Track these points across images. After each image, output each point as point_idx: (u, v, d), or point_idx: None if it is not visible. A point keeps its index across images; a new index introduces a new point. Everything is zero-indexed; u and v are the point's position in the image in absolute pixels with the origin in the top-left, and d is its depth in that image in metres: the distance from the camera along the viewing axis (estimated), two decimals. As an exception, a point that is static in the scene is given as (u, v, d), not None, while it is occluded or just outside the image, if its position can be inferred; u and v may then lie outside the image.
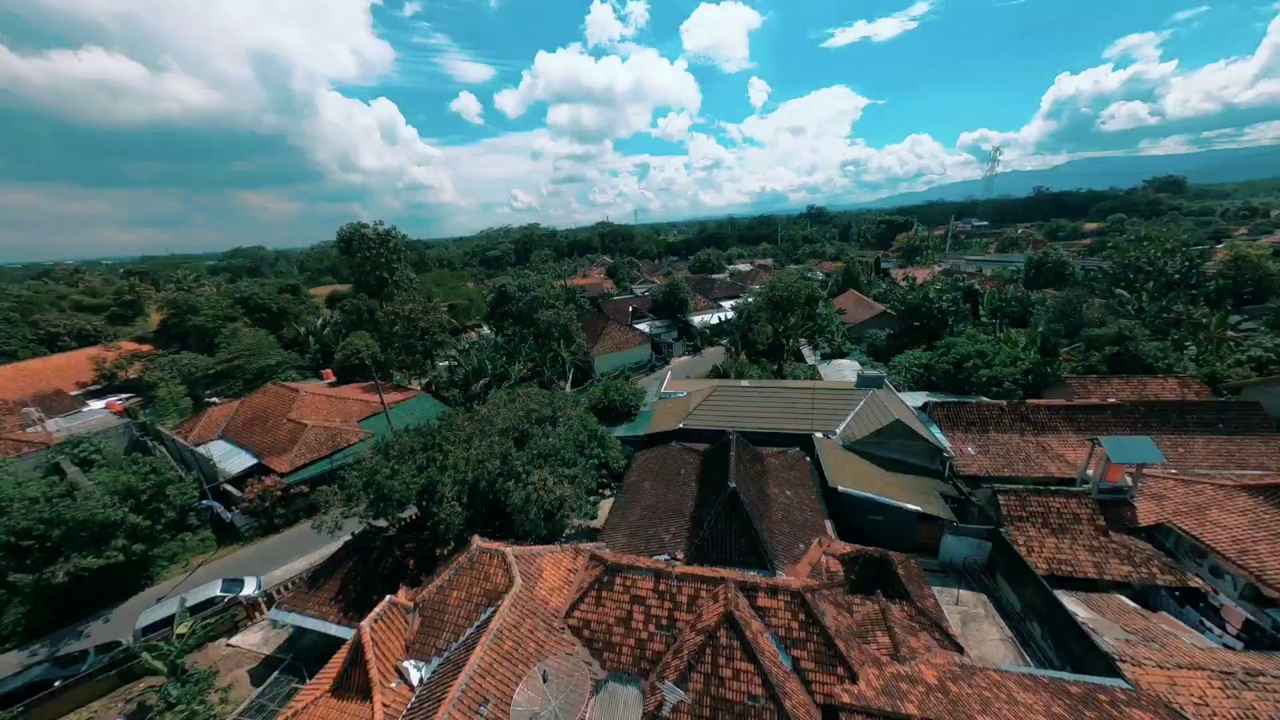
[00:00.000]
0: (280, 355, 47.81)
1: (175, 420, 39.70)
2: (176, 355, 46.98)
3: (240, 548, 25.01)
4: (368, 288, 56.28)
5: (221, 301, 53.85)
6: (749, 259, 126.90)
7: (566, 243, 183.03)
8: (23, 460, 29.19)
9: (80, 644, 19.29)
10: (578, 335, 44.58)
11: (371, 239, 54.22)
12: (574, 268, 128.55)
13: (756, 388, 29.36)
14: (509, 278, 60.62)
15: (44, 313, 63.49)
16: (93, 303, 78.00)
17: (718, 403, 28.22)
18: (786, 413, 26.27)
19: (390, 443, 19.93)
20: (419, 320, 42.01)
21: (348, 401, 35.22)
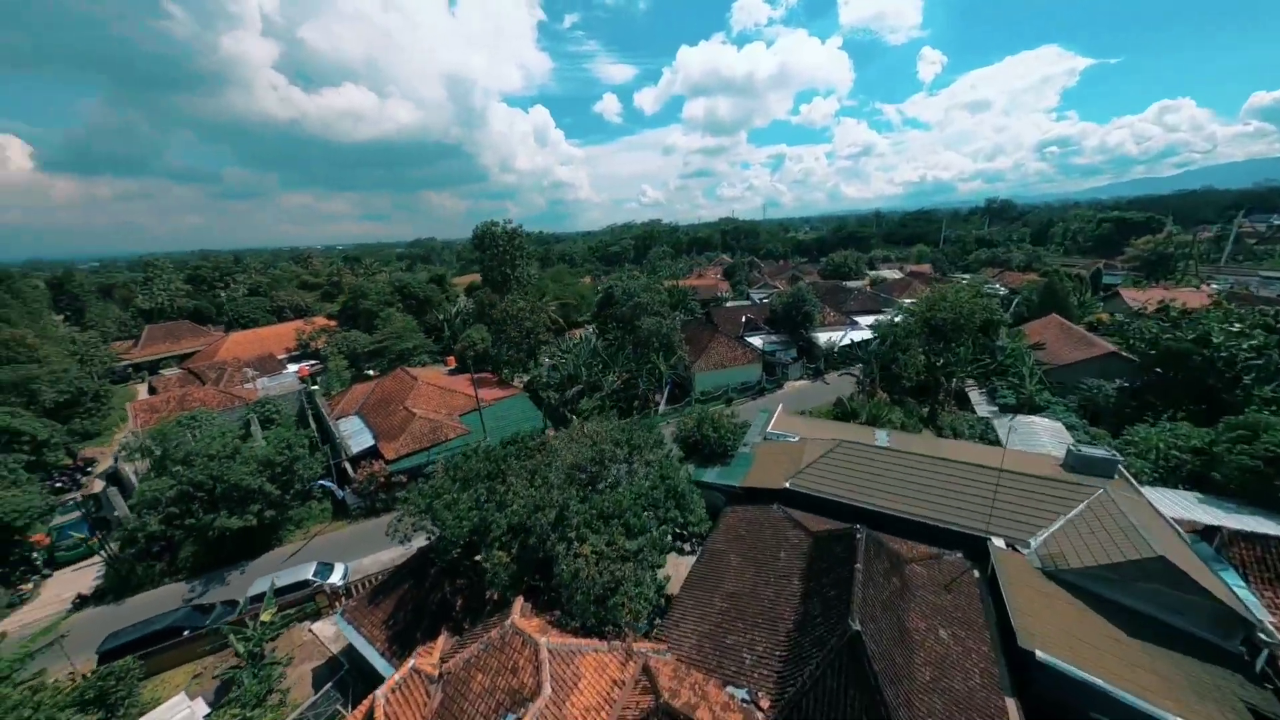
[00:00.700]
0: (418, 339, 54.24)
1: (338, 389, 47.53)
2: (347, 333, 56.64)
3: (348, 525, 27.49)
4: (493, 282, 60.86)
5: (385, 288, 63.38)
6: (897, 264, 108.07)
7: (687, 240, 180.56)
8: (228, 413, 36.98)
9: (220, 591, 22.57)
10: (680, 347, 41.09)
11: (500, 237, 58.12)
12: (690, 266, 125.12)
13: (902, 452, 22.16)
14: (618, 278, 59.88)
15: (280, 289, 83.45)
16: (313, 282, 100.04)
17: (841, 463, 22.01)
18: (945, 496, 19.00)
19: (459, 464, 19.03)
20: (524, 319, 43.04)
21: (455, 394, 37.36)
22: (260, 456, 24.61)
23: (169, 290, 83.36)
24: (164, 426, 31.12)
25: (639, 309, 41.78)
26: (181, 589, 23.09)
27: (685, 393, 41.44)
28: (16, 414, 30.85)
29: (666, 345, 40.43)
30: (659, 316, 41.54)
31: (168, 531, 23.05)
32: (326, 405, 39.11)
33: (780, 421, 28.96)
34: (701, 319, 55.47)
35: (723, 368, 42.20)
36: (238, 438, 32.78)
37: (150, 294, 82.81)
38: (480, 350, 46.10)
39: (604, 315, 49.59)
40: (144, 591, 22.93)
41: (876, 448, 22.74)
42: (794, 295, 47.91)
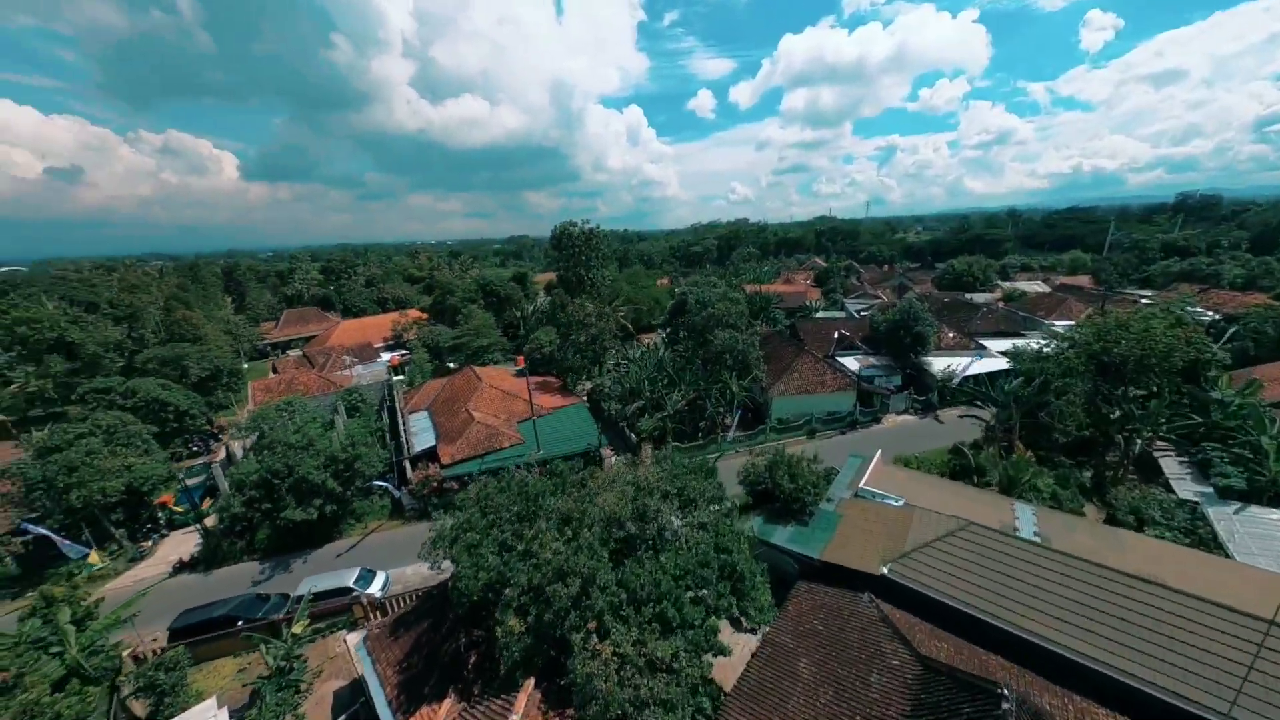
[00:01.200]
0: (494, 337, 55.97)
1: (419, 381, 50.67)
2: (434, 326, 60.57)
3: (403, 525, 27.95)
4: (567, 283, 60.92)
5: (470, 285, 66.85)
6: (1040, 274, 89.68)
7: (775, 240, 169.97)
8: (322, 399, 40.60)
9: (282, 580, 23.80)
10: (757, 365, 36.56)
11: (577, 238, 57.79)
12: (776, 270, 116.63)
13: (1065, 557, 16.02)
14: (694, 283, 56.28)
15: (388, 282, 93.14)
16: (417, 275, 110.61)
17: (966, 552, 16.63)
18: (1145, 638, 12.98)
19: (490, 495, 17.40)
20: (591, 324, 41.55)
21: (516, 400, 37.02)
22: (327, 451, 25.64)
23: (306, 279, 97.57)
24: (264, 409, 34.70)
25: (713, 320, 37.98)
26: (254, 569, 24.87)
27: (760, 418, 36.85)
28: (168, 386, 36.47)
29: (741, 363, 36.19)
30: (735, 330, 37.37)
31: (248, 513, 24.93)
32: (402, 398, 41.34)
33: (878, 474, 23.62)
34: (785, 333, 49.86)
35: (807, 393, 36.77)
36: (322, 425, 35.63)
37: (292, 282, 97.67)
38: (547, 353, 45.80)
39: (675, 324, 46.54)
40: (227, 566, 25.08)
41: (1022, 541, 16.79)
42: (903, 311, 40.42)
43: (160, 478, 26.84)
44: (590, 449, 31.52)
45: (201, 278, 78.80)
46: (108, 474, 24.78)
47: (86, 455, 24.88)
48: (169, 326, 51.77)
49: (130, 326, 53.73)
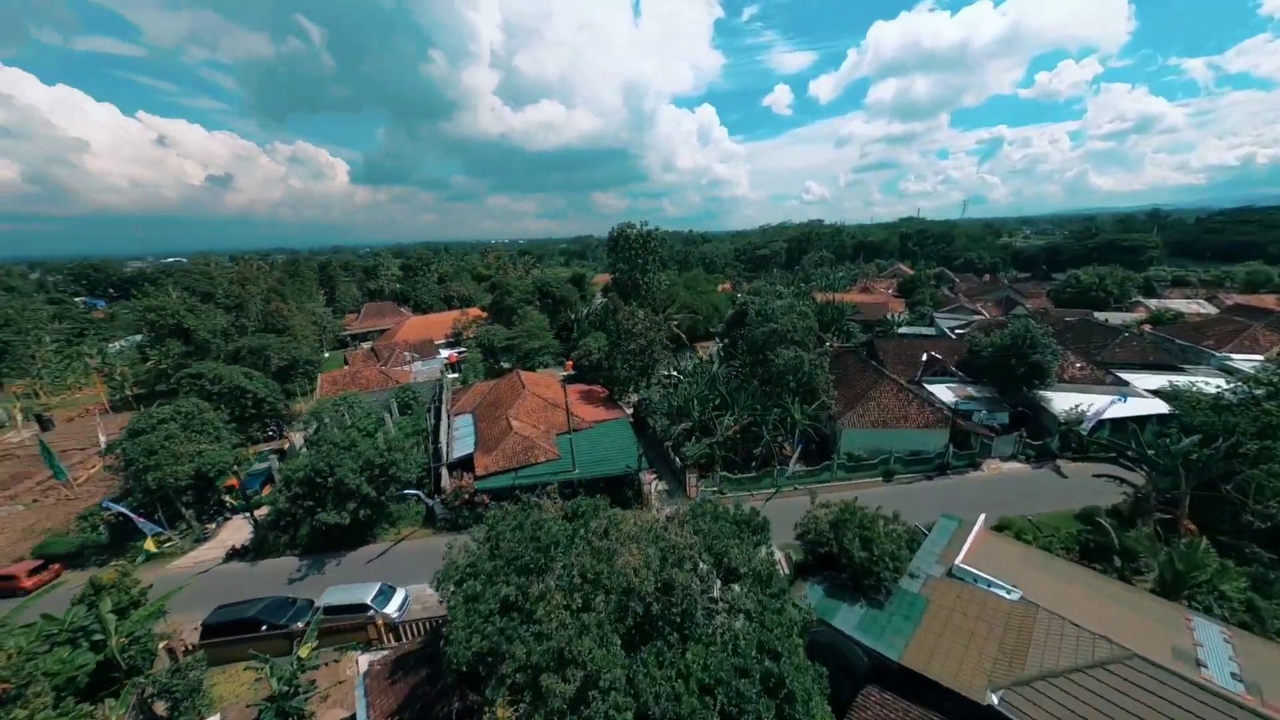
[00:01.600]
0: (546, 339, 55.70)
1: (473, 380, 51.60)
2: (490, 326, 61.78)
3: (433, 535, 27.46)
4: (622, 287, 59.26)
5: (527, 285, 67.61)
6: (1202, 290, 73.18)
7: (853, 243, 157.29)
8: (379, 394, 42.20)
9: (315, 581, 24.03)
10: (826, 389, 32.04)
11: (634, 240, 55.90)
12: (854, 276, 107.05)
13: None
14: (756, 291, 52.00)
15: (456, 280, 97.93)
16: (484, 274, 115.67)
17: (1128, 705, 11.91)
18: None
19: (502, 533, 15.59)
20: (641, 333, 39.19)
21: (558, 410, 35.65)
22: (365, 454, 25.65)
23: (387, 275, 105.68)
24: (322, 403, 36.39)
25: (775, 337, 33.97)
26: (293, 565, 25.49)
27: (825, 451, 32.29)
28: (251, 375, 39.65)
29: (807, 386, 31.89)
30: (801, 349, 33.07)
31: (291, 509, 25.60)
32: (450, 397, 41.82)
33: (981, 546, 18.79)
34: (861, 351, 44.03)
35: (885, 426, 31.57)
36: (374, 422, 36.68)
37: (376, 277, 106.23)
38: (595, 360, 44.25)
39: (733, 336, 42.85)
40: (271, 558, 25.95)
41: (1220, 699, 11.68)
42: (1017, 333, 33.52)
43: (226, 464, 28.59)
44: (629, 472, 29.17)
45: (300, 272, 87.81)
46: (180, 458, 26.67)
47: (165, 440, 26.98)
48: (264, 317, 57.38)
49: (237, 315, 60.48)
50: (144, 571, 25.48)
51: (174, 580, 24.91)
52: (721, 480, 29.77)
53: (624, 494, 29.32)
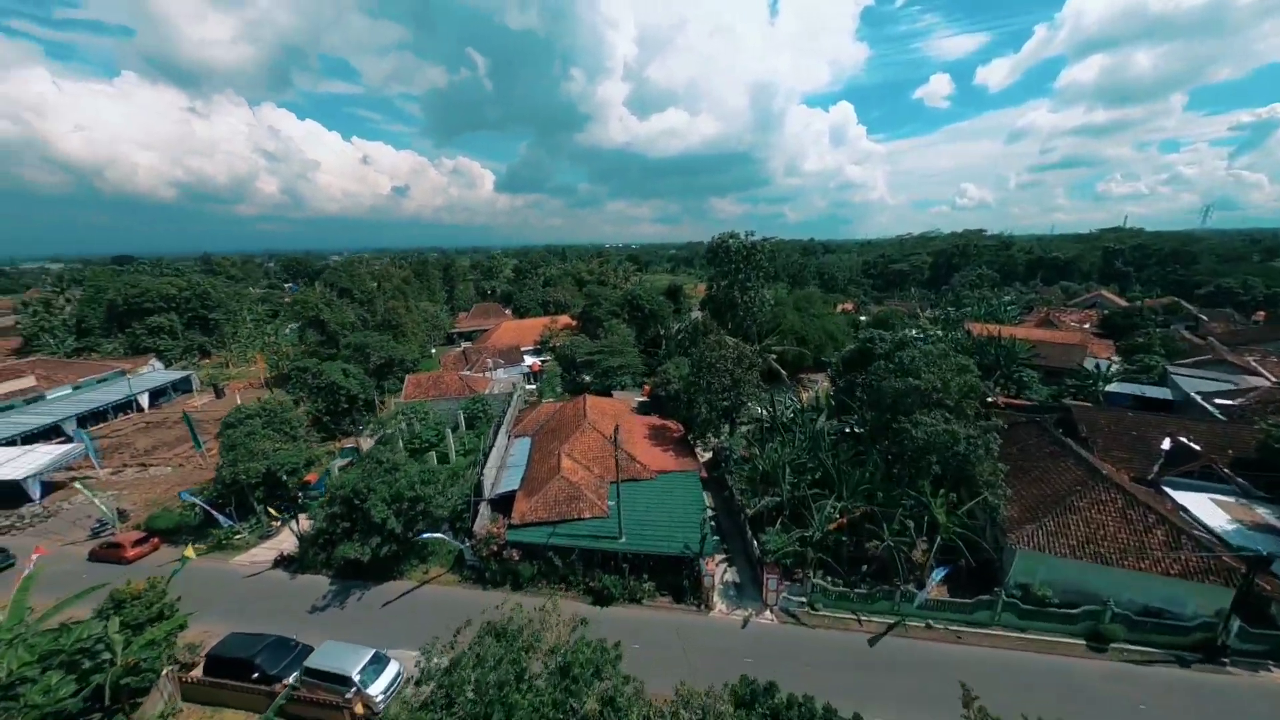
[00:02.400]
0: (629, 358, 51.88)
1: (549, 395, 50.07)
2: (573, 337, 60.24)
3: (459, 583, 24.85)
4: (717, 306, 52.81)
5: (616, 297, 64.91)
6: None
7: (1028, 259, 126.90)
8: (449, 404, 42.26)
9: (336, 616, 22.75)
10: (993, 483, 22.06)
11: (734, 252, 49.19)
12: (1027, 303, 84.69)
13: None
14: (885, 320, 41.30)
15: (558, 284, 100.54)
16: (587, 279, 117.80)
17: None
18: None
19: (489, 651, 11.33)
20: (729, 369, 32.62)
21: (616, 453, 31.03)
22: (398, 484, 23.88)
23: (501, 277, 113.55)
24: (391, 412, 36.89)
25: (914, 397, 24.74)
26: (323, 585, 24.78)
27: (985, 578, 22.29)
28: (348, 372, 42.60)
29: (959, 470, 22.37)
30: (954, 417, 23.49)
31: (329, 528, 24.96)
32: (517, 415, 40.06)
33: None
34: (1049, 420, 31.05)
35: (1099, 560, 20.39)
36: (436, 433, 36.12)
37: (492, 277, 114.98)
38: (673, 390, 38.85)
39: (850, 380, 33.78)
40: (309, 573, 25.63)
41: None
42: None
43: (296, 464, 29.63)
44: (688, 555, 23.15)
45: (426, 272, 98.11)
46: (255, 455, 28.02)
47: (246, 436, 28.64)
48: (385, 314, 63.56)
49: (367, 311, 68.41)
50: (208, 560, 27.26)
51: (230, 576, 25.99)
52: (815, 590, 22.03)
53: (679, 581, 23.41)
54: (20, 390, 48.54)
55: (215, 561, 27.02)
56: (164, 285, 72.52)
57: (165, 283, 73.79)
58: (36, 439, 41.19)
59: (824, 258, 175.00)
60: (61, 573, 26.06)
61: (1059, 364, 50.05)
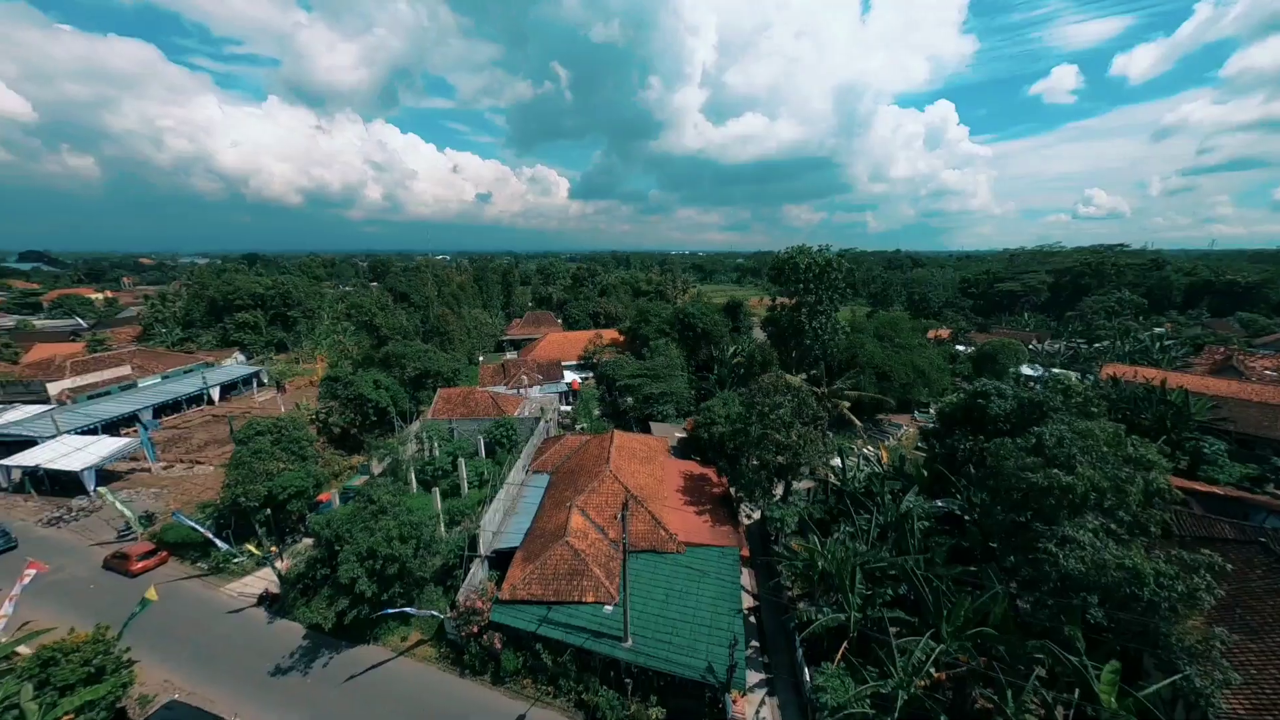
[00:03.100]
0: (672, 386, 46.71)
1: (581, 424, 46.25)
2: (619, 356, 56.26)
3: (437, 662, 21.25)
4: (780, 331, 46.11)
5: (666, 314, 60.01)
6: None
7: (1188, 282, 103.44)
8: (477, 424, 39.71)
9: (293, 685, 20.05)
10: (1200, 644, 14.15)
11: (804, 270, 42.36)
12: (1193, 340, 67.35)
13: None
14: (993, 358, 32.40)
15: (612, 295, 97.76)
16: (645, 289, 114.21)
17: None
18: None
19: None
20: (782, 421, 26.31)
21: (645, 506, 26.05)
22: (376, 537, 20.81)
23: (558, 284, 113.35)
24: (400, 439, 34.74)
25: (1060, 496, 17.08)
26: (297, 637, 22.33)
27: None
28: (380, 385, 41.81)
29: (1143, 630, 14.69)
30: (1132, 535, 15.74)
31: (308, 572, 22.60)
32: (541, 444, 36.50)
33: None
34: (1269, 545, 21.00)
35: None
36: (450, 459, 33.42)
37: (550, 283, 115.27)
38: (718, 434, 33.15)
39: (951, 446, 25.92)
40: (287, 619, 23.42)
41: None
42: None
43: (299, 488, 28.09)
44: (709, 684, 17.56)
45: (485, 277, 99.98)
46: (257, 476, 26.70)
47: (252, 455, 27.51)
48: (435, 320, 64.02)
49: (422, 316, 69.76)
50: (203, 584, 26.15)
51: (217, 607, 24.52)
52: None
53: (697, 709, 17.91)
54: (117, 378, 53.98)
55: (209, 588, 25.90)
56: (252, 284, 79.51)
57: (254, 281, 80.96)
58: (116, 427, 44.82)
59: (912, 272, 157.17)
60: (70, 580, 26.26)
61: (1257, 432, 37.43)
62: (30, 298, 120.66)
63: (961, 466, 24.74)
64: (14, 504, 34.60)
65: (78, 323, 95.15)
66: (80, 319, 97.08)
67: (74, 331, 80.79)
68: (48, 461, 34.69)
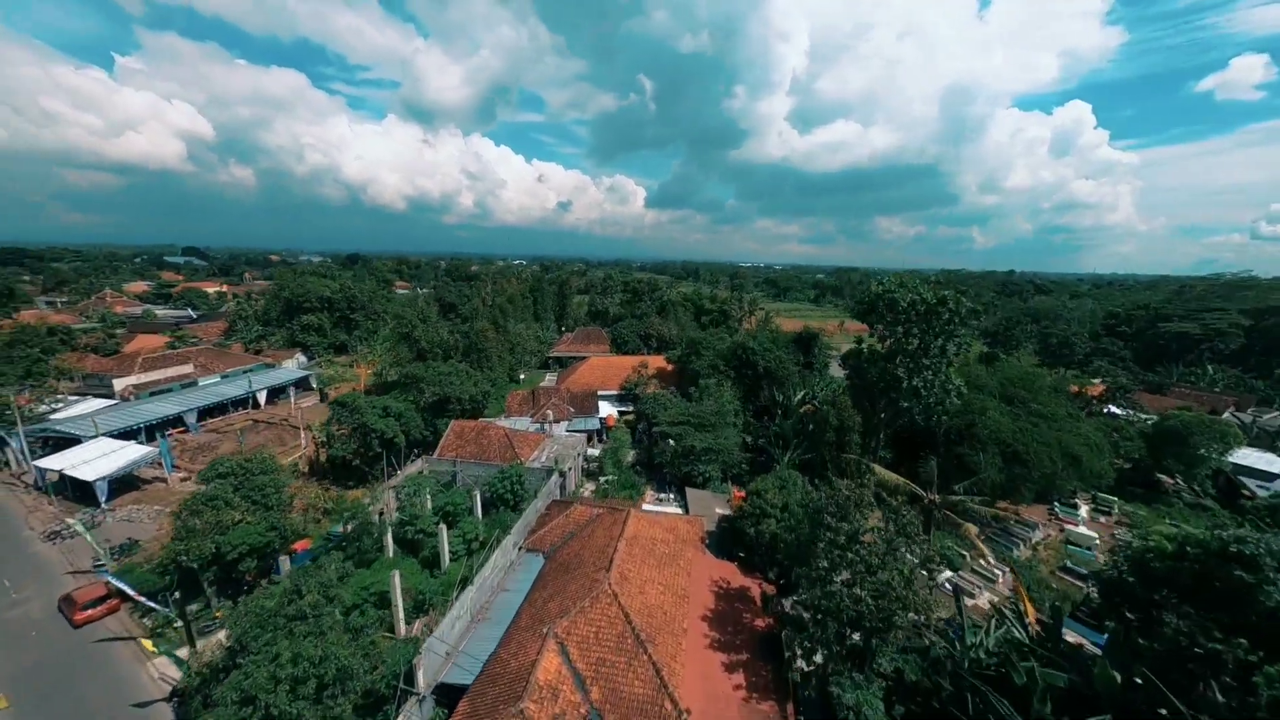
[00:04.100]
0: (720, 440, 38.44)
1: (609, 475, 39.52)
2: (660, 394, 48.91)
3: None
4: (865, 383, 36.06)
5: (721, 347, 51.70)
6: None
7: None
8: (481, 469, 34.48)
9: None
10: None
11: (903, 310, 32.32)
12: None
13: None
14: (1183, 437, 20.90)
15: (670, 314, 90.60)
16: (709, 309, 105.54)
17: None
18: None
19: None
20: (863, 560, 17.35)
21: (666, 630, 18.44)
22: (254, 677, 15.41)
23: (613, 299, 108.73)
24: (360, 503, 29.90)
25: None
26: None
27: None
28: (389, 412, 38.26)
29: None
30: None
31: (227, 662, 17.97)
32: (541, 515, 30.19)
33: None
34: None
35: None
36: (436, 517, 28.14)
37: (606, 295, 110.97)
38: (767, 534, 24.68)
39: (1172, 640, 15.41)
40: (191, 730, 18.92)
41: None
42: None
43: (251, 545, 24.19)
44: None
45: (540, 288, 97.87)
46: (205, 532, 23.08)
47: (206, 502, 24.04)
48: (474, 336, 61.22)
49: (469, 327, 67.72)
50: (132, 651, 22.75)
51: (129, 688, 20.81)
52: None
53: None
54: (179, 376, 56.81)
55: (136, 660, 22.44)
56: (321, 286, 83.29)
57: (323, 284, 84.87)
58: (160, 428, 45.94)
59: (1034, 300, 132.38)
60: (18, 620, 24.16)
61: None
62: (166, 289, 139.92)
63: (1189, 661, 14.25)
64: (39, 506, 35.05)
65: (189, 314, 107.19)
66: (192, 311, 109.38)
67: (177, 324, 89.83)
68: (69, 467, 34.77)
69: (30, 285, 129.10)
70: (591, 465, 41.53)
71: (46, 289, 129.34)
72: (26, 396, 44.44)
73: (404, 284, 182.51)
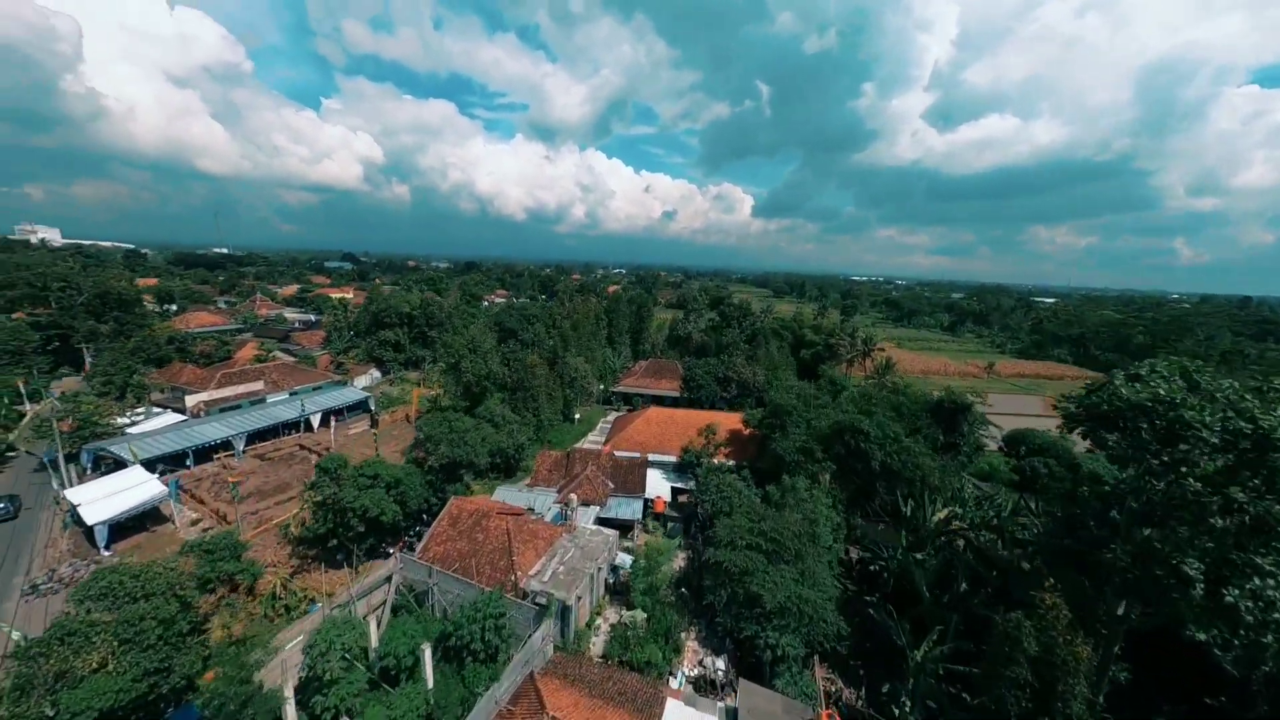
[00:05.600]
0: (801, 587, 25.19)
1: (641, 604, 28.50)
2: (735, 473, 36.29)
3: None
4: (1069, 521, 20.08)
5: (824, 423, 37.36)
6: None
7: None
8: (449, 581, 25.63)
9: None
10: None
11: (1169, 423, 16.29)
12: None
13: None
14: None
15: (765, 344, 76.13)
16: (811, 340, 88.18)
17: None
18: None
19: None
20: None
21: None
22: None
23: (696, 323, 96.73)
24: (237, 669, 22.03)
25: None
26: None
27: None
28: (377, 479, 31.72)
29: None
30: None
31: None
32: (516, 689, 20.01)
33: None
34: None
35: None
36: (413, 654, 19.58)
37: (690, 319, 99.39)
38: None
39: None
40: None
41: None
42: None
43: (106, 709, 17.77)
44: None
45: (617, 307, 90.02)
46: (31, 691, 17.05)
47: (63, 638, 18.17)
48: (521, 372, 54.55)
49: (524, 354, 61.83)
50: None
51: None
52: None
53: None
54: (249, 392, 58.35)
55: None
56: (401, 302, 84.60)
57: (403, 299, 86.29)
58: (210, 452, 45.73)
59: None
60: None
61: None
62: (306, 293, 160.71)
63: None
64: (54, 541, 34.40)
65: (311, 319, 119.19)
66: (313, 316, 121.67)
67: (287, 333, 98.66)
68: (82, 504, 33.59)
69: (210, 286, 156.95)
70: (619, 584, 30.73)
71: (222, 291, 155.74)
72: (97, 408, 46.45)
73: (503, 292, 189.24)
